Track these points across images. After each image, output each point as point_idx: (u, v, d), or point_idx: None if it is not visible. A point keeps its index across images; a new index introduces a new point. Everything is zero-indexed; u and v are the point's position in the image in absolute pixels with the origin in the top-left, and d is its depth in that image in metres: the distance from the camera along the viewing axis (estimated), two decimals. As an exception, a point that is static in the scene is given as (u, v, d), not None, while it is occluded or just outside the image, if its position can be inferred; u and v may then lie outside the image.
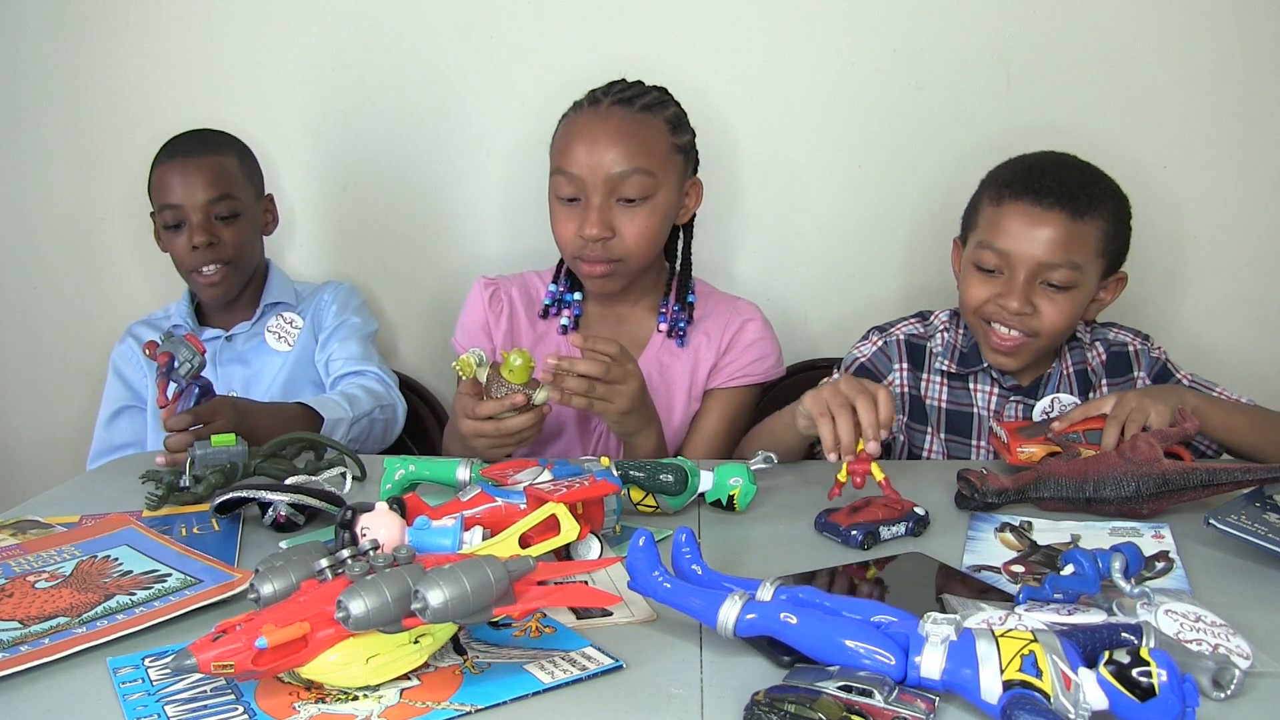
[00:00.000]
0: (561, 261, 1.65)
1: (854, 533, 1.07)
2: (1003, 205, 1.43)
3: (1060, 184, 1.40)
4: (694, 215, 1.62)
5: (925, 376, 1.56)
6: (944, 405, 1.55)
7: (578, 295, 1.62)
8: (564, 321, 1.62)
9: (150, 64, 1.99)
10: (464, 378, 1.29)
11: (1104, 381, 1.51)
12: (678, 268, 1.63)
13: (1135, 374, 1.51)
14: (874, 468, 1.15)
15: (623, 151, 1.48)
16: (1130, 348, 1.53)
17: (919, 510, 1.12)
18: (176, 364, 1.32)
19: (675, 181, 1.54)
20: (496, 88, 1.95)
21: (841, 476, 1.16)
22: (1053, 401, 1.44)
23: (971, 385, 1.54)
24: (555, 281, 1.65)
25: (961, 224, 1.54)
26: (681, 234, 1.63)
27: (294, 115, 1.96)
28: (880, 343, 1.58)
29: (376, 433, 1.61)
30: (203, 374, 1.35)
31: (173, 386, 1.34)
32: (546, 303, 1.64)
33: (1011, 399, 1.51)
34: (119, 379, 1.75)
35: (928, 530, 1.12)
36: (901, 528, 1.10)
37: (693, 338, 1.61)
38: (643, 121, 1.51)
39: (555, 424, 1.59)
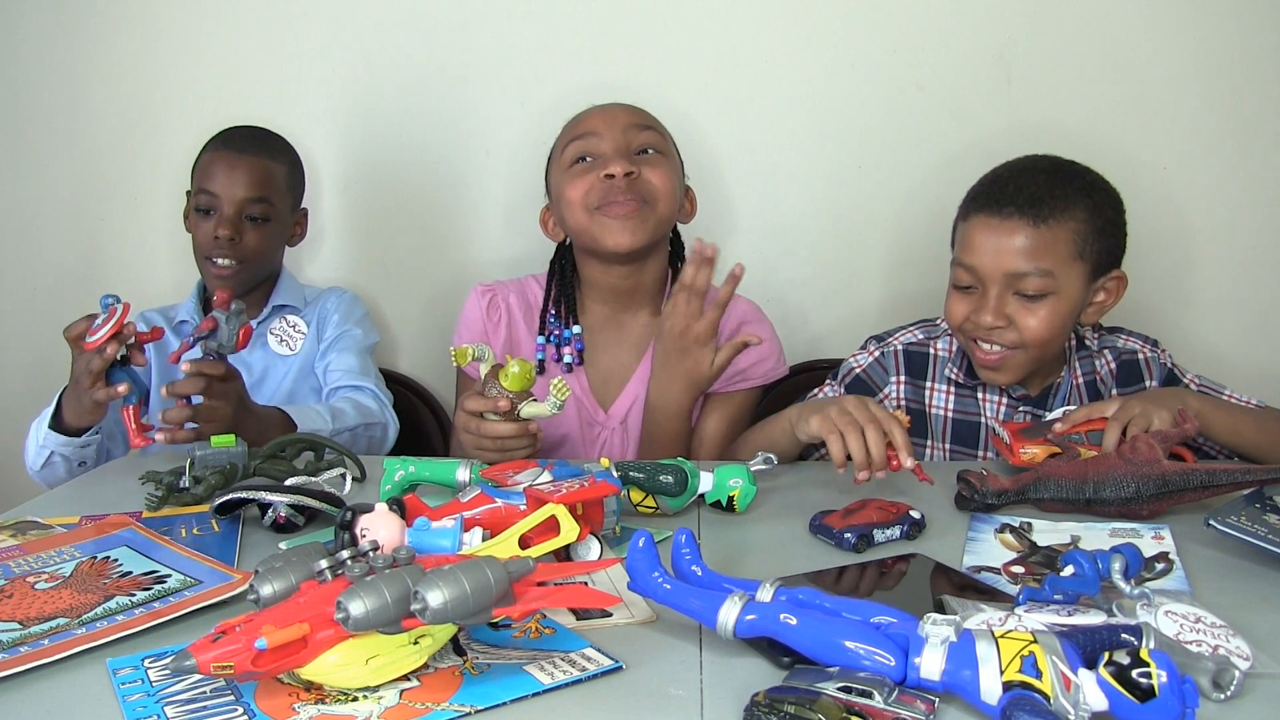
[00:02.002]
0: (551, 274, 1.64)
1: (847, 535, 1.07)
2: (969, 220, 1.42)
3: (1020, 192, 1.37)
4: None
5: (929, 385, 1.53)
6: (950, 414, 1.52)
7: (577, 329, 1.61)
8: (568, 359, 1.61)
9: (150, 65, 1.99)
10: (457, 365, 1.29)
11: (1114, 391, 1.49)
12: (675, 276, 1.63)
13: (1147, 383, 1.49)
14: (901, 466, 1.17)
15: (636, 113, 1.58)
16: (1140, 355, 1.51)
17: (914, 513, 1.12)
18: (215, 336, 1.34)
19: (679, 164, 1.59)
20: (496, 90, 1.95)
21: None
22: (1064, 414, 1.43)
23: (980, 395, 1.51)
24: (550, 303, 1.63)
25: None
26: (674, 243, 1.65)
27: (293, 117, 1.95)
28: (878, 353, 1.55)
29: (359, 448, 1.59)
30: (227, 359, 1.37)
31: (195, 352, 1.37)
32: (542, 341, 1.62)
33: (1020, 409, 1.49)
34: None
35: (923, 533, 1.12)
36: (896, 530, 1.10)
37: None
38: (646, 109, 1.60)
39: (558, 431, 1.59)
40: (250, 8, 1.96)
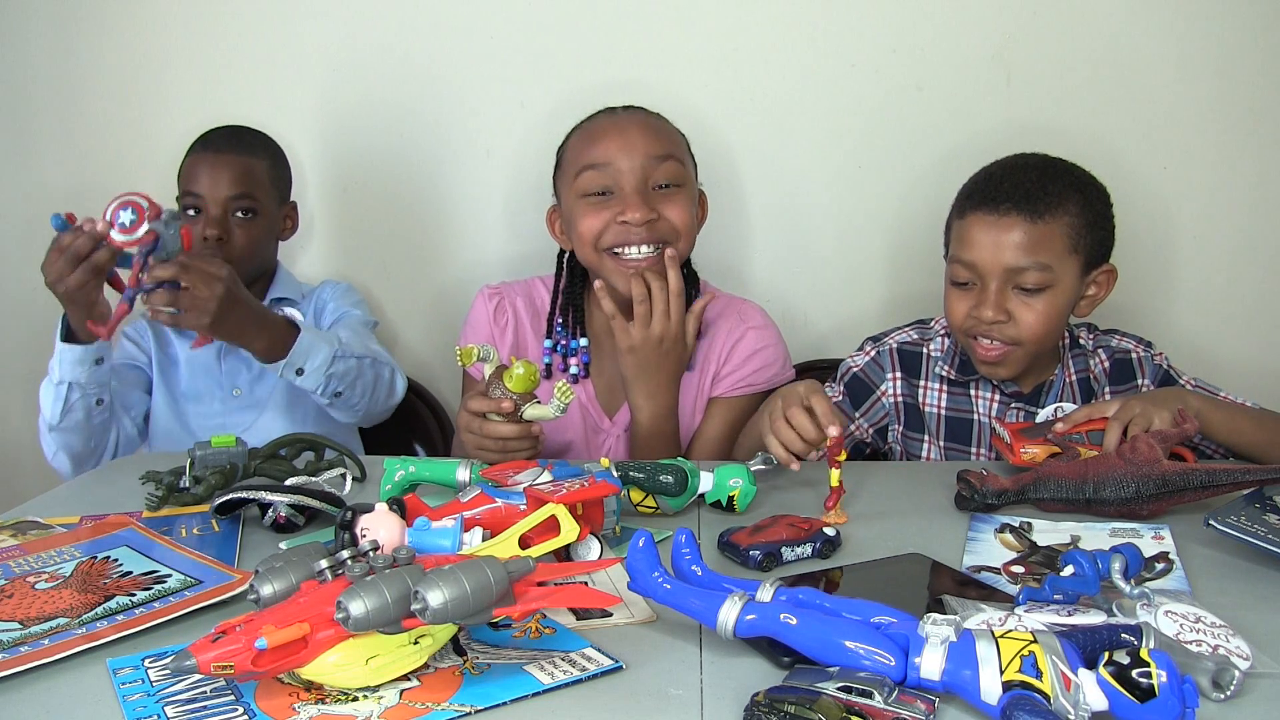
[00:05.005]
0: (558, 279, 1.62)
1: (753, 553, 1.02)
2: (965, 218, 1.44)
3: (1016, 188, 1.40)
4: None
5: (923, 384, 1.55)
6: (943, 411, 1.54)
7: (584, 341, 1.60)
8: (574, 370, 1.59)
9: (151, 64, 1.99)
10: (462, 365, 1.28)
11: (1107, 389, 1.51)
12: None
13: (1139, 381, 1.50)
14: (832, 475, 1.16)
15: (655, 140, 1.50)
16: (1133, 355, 1.52)
17: (828, 530, 1.07)
18: (161, 248, 1.33)
19: (695, 180, 1.56)
20: (496, 89, 1.95)
21: (833, 482, 1.16)
22: (1055, 410, 1.43)
23: (972, 392, 1.53)
24: (556, 311, 1.61)
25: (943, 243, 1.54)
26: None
27: (293, 116, 1.96)
28: (873, 353, 1.58)
29: (365, 381, 1.57)
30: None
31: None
32: (549, 345, 1.61)
33: (1012, 406, 1.51)
34: (125, 339, 1.77)
35: (837, 551, 1.07)
36: (807, 548, 1.05)
37: (699, 353, 1.59)
38: (663, 119, 1.56)
39: (562, 438, 1.59)
40: (251, 7, 1.96)
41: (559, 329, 1.61)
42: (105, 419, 1.58)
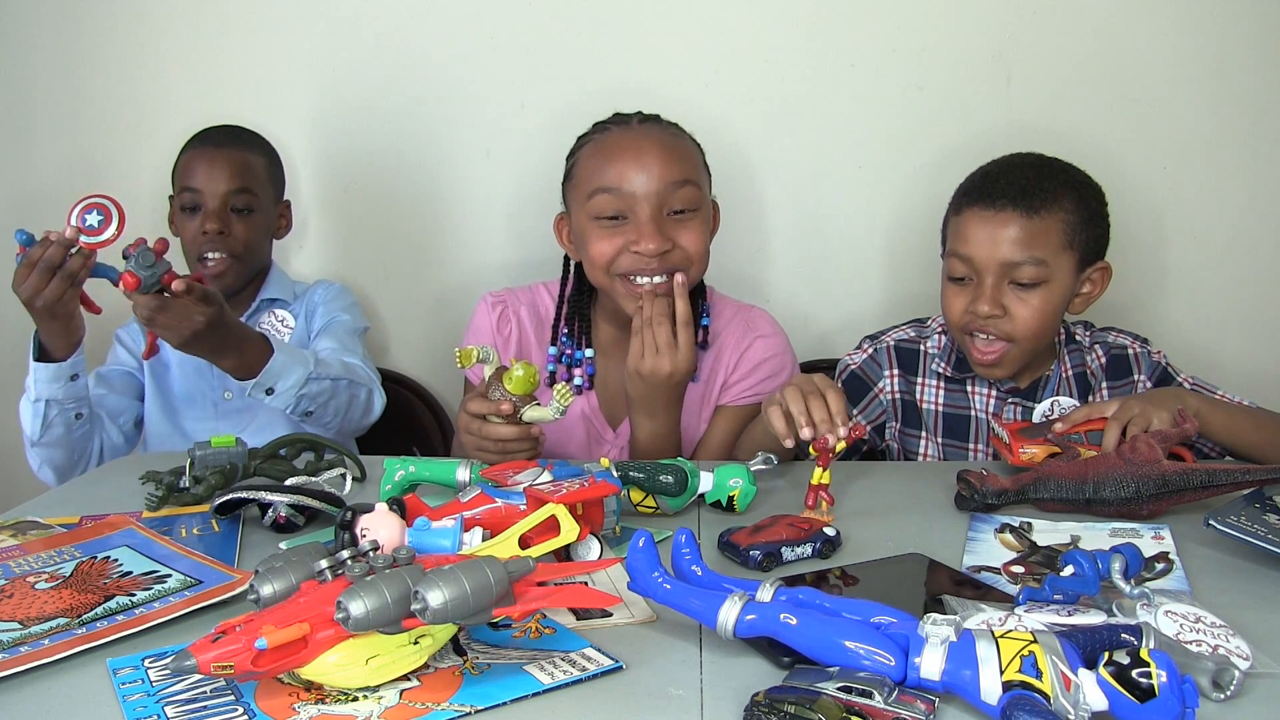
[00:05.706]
0: (563, 291, 1.60)
1: (753, 553, 1.02)
2: (962, 214, 1.46)
3: (1012, 184, 1.42)
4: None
5: (920, 381, 1.56)
6: (941, 408, 1.55)
7: (589, 353, 1.58)
8: (578, 381, 1.58)
9: (151, 65, 1.99)
10: (461, 366, 1.28)
11: (1104, 385, 1.52)
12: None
13: (1135, 377, 1.51)
14: (820, 473, 1.16)
15: (673, 164, 1.44)
16: (1130, 351, 1.53)
17: (828, 530, 1.07)
18: (133, 258, 1.32)
19: (709, 195, 1.53)
20: (496, 89, 1.95)
21: (814, 479, 1.17)
22: (1052, 404, 1.44)
23: (969, 388, 1.54)
24: (560, 321, 1.60)
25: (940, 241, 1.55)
26: None
27: (294, 116, 1.96)
28: (870, 350, 1.59)
29: (339, 402, 1.55)
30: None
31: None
32: (554, 352, 1.60)
33: (1009, 401, 1.51)
34: (118, 344, 1.77)
35: (837, 551, 1.06)
36: (808, 548, 1.04)
37: (706, 362, 1.58)
38: (679, 136, 1.51)
39: (565, 449, 1.58)
40: (252, 7, 1.96)
41: (564, 338, 1.60)
42: (86, 431, 1.58)
